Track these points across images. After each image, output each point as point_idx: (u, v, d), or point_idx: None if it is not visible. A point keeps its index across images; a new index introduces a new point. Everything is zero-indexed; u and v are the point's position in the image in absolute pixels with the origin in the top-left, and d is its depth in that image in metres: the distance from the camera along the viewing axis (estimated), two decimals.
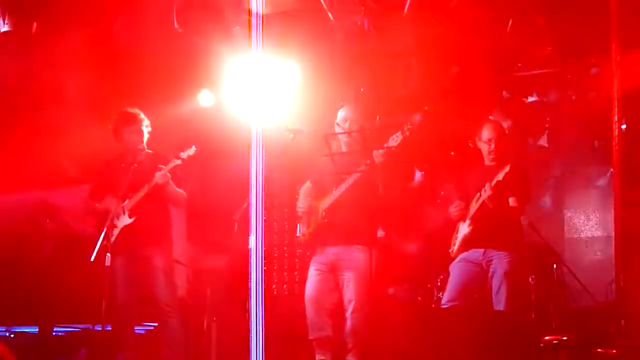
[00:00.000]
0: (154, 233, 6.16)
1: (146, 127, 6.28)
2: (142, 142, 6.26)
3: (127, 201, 6.14)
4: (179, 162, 6.06)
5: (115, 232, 6.11)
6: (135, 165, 6.11)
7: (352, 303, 5.65)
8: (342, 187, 5.73)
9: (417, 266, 7.87)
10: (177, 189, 6.17)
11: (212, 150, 7.00)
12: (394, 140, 5.49)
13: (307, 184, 6.15)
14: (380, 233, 7.29)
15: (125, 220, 6.13)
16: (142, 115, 6.30)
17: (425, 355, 5.11)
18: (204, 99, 7.98)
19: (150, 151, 6.31)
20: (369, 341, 5.67)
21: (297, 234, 6.02)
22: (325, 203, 5.83)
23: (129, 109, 6.37)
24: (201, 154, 6.36)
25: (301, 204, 6.02)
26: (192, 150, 6.07)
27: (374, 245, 5.69)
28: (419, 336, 5.18)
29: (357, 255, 5.71)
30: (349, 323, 5.65)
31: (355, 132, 5.83)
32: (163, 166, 6.07)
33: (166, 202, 6.22)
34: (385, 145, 5.50)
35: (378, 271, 5.45)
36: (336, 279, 5.78)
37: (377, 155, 5.49)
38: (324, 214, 5.82)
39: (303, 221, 5.97)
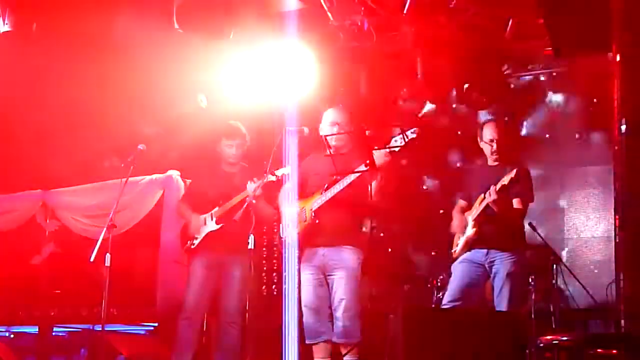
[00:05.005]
0: (237, 243, 6.20)
1: (245, 142, 6.41)
2: (239, 155, 6.40)
3: (216, 208, 6.25)
4: (273, 178, 5.99)
5: (200, 236, 6.29)
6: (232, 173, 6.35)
7: (343, 302, 5.61)
8: (336, 188, 5.66)
9: (416, 266, 7.89)
10: (267, 205, 6.19)
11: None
12: (396, 142, 5.45)
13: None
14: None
15: (212, 226, 6.26)
16: (244, 130, 6.43)
17: (424, 355, 5.09)
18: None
19: (244, 164, 6.49)
20: (364, 341, 5.65)
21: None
22: (315, 204, 5.75)
23: (232, 122, 6.53)
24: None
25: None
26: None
27: (365, 245, 5.67)
28: (418, 336, 5.15)
29: (347, 256, 5.67)
30: (340, 323, 5.62)
31: (354, 133, 5.79)
32: (257, 179, 6.08)
33: (253, 215, 6.16)
34: (387, 147, 5.47)
35: (370, 271, 5.41)
36: (326, 279, 5.74)
37: (379, 156, 5.45)
38: (313, 215, 5.75)
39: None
